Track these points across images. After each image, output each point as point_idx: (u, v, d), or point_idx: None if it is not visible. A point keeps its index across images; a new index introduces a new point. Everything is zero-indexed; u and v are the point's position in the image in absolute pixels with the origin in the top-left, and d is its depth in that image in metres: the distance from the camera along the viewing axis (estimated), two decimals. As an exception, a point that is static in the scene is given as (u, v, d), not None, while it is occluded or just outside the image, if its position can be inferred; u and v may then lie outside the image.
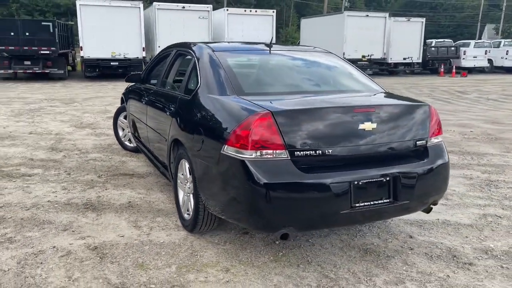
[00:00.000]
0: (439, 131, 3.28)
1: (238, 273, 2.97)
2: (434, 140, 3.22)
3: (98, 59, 16.77)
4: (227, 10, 18.86)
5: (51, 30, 15.76)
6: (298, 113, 2.77)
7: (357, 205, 2.81)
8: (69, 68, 18.95)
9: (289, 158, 2.69)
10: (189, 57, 3.93)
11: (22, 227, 3.59)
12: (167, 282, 2.83)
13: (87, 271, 2.93)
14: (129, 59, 17.14)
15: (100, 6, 16.84)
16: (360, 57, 20.71)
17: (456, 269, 3.11)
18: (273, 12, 19.51)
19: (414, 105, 3.23)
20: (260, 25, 19.27)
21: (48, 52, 15.80)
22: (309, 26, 23.86)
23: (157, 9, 17.74)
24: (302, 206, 2.70)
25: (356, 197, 2.80)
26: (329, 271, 3.02)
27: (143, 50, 17.38)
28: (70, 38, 18.99)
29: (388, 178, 2.90)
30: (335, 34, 20.82)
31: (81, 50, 16.62)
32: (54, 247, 3.26)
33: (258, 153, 2.66)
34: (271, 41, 3.95)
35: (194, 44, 3.99)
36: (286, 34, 47.86)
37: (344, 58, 20.53)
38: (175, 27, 17.79)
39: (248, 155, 2.67)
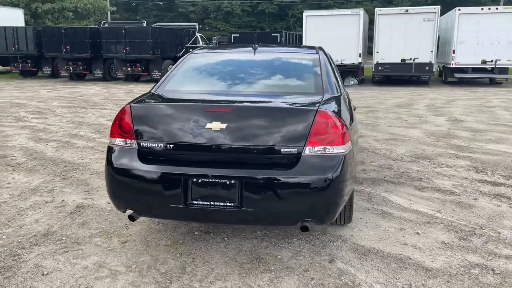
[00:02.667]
0: (333, 142, 2.81)
1: (128, 246, 3.40)
2: (319, 151, 2.79)
3: (316, 65, 18.01)
4: (459, 10, 16.93)
5: (278, 40, 17.89)
6: (150, 108, 3.02)
7: (194, 202, 2.84)
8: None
9: (136, 147, 2.97)
10: None
11: (70, 184, 4.90)
12: (76, 238, 3.53)
13: (51, 219, 3.93)
14: (344, 65, 17.69)
15: (323, 16, 18.03)
16: None
17: (315, 301, 2.67)
18: (521, 8, 16.40)
19: (291, 110, 2.90)
20: (501, 24, 16.55)
21: (273, 59, 18.05)
22: None
23: (378, 14, 17.59)
24: (137, 192, 2.94)
25: (195, 194, 2.83)
26: (191, 266, 3.09)
27: (359, 56, 17.62)
28: (304, 46, 21.00)
29: (233, 181, 2.78)
30: None
31: (303, 57, 18.20)
32: (63, 200, 4.40)
33: (117, 141, 3.05)
34: (254, 43, 4.03)
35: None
36: None
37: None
38: (396, 32, 17.24)
39: (111, 142, 3.10)
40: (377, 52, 17.69)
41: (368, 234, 3.62)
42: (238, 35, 18.76)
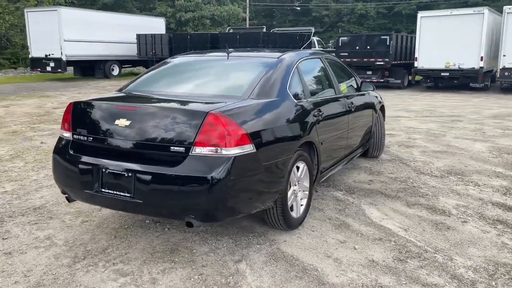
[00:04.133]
0: (224, 144, 2.87)
1: (84, 225, 3.88)
2: (209, 152, 2.88)
3: (429, 70, 16.73)
4: None
5: (387, 43, 17.05)
6: (83, 105, 3.42)
7: (103, 190, 3.17)
8: (418, 78, 19.48)
9: (72, 139, 3.42)
10: None
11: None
12: (54, 214, 4.14)
13: (53, 197, 4.62)
14: (462, 70, 16.07)
15: (440, 16, 16.67)
16: None
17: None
18: None
19: (184, 111, 3.03)
20: None
21: (382, 63, 17.22)
22: None
23: (507, 13, 15.57)
24: (65, 177, 3.39)
25: (104, 183, 3.16)
26: (113, 248, 3.43)
27: (481, 60, 15.80)
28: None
29: (130, 174, 3.04)
30: None
31: (416, 60, 17.05)
32: (77, 183, 5.11)
33: (62, 132, 3.55)
34: (227, 48, 4.20)
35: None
36: None
37: None
38: (528, 33, 15.14)
39: (60, 133, 3.61)
40: (504, 56, 15.73)
41: (303, 242, 3.51)
42: (346, 38, 18.39)
